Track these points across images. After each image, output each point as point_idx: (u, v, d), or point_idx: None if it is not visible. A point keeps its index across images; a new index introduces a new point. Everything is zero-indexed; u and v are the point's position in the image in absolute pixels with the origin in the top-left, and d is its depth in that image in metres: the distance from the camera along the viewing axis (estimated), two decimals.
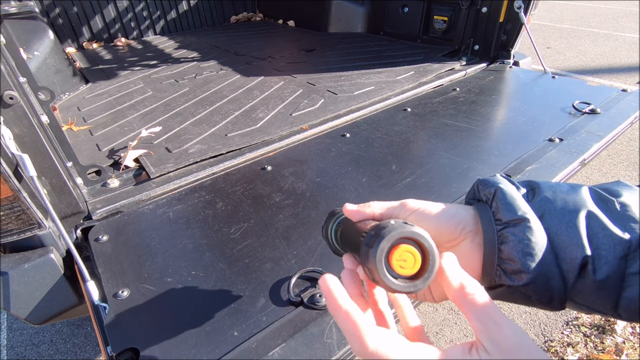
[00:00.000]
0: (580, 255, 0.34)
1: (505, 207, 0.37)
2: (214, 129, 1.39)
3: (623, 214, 0.34)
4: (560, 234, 0.35)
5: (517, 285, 0.36)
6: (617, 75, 3.88)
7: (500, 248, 0.37)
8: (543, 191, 0.38)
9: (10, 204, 0.74)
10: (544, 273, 0.34)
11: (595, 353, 1.42)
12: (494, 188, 0.39)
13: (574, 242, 0.34)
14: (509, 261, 0.36)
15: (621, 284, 0.33)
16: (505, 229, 0.36)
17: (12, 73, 0.89)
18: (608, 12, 6.73)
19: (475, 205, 0.41)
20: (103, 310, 0.73)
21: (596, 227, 0.34)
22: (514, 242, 0.35)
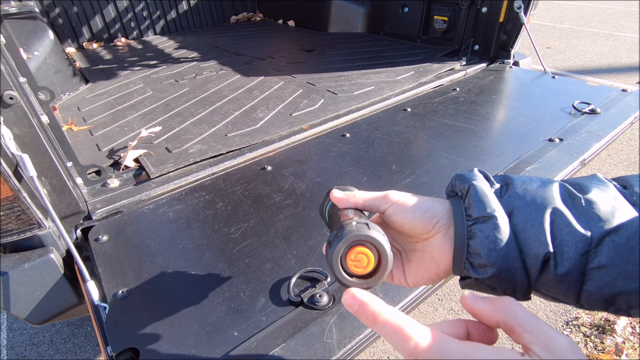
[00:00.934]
0: (543, 251, 0.35)
1: (476, 203, 0.39)
2: (214, 129, 1.39)
3: (588, 211, 0.35)
4: (526, 230, 0.37)
5: (483, 278, 0.38)
6: (617, 75, 3.88)
7: (469, 243, 0.39)
8: (515, 187, 0.40)
9: (10, 204, 0.74)
10: (508, 267, 0.37)
11: (595, 353, 1.42)
12: (467, 184, 0.41)
13: (538, 239, 0.36)
14: (476, 255, 0.38)
15: (582, 277, 0.35)
16: (474, 225, 0.39)
17: (12, 73, 0.89)
18: (608, 12, 6.73)
19: (451, 200, 0.43)
20: (103, 310, 0.73)
21: (560, 224, 0.36)
22: (481, 238, 0.38)
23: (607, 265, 0.34)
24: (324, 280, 0.75)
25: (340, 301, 0.71)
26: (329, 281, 0.75)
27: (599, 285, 0.34)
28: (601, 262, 0.34)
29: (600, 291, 0.34)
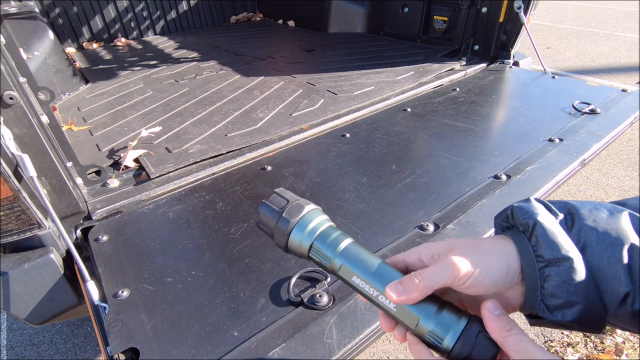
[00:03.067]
0: (623, 291, 0.34)
1: (546, 244, 0.37)
2: (214, 129, 1.39)
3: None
4: (602, 268, 0.35)
5: (560, 321, 0.36)
6: (617, 75, 3.88)
7: (543, 285, 0.37)
8: (583, 219, 0.37)
9: (10, 204, 0.74)
10: (589, 308, 0.35)
11: (595, 353, 1.42)
12: (532, 220, 0.38)
13: (617, 278, 0.35)
14: (553, 298, 0.36)
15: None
16: (547, 267, 0.36)
17: (12, 73, 0.89)
18: (608, 12, 6.73)
19: (513, 237, 0.40)
20: (103, 310, 0.73)
21: (638, 261, 0.34)
22: (558, 282, 0.36)
23: None
24: (324, 280, 0.75)
25: (339, 301, 0.71)
26: (329, 281, 0.75)
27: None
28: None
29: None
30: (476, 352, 0.37)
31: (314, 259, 0.45)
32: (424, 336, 0.39)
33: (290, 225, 0.44)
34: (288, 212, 0.45)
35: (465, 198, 0.97)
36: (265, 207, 0.47)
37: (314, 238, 0.44)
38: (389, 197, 1.00)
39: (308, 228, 0.44)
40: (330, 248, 0.44)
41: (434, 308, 0.39)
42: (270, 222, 0.46)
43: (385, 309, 0.41)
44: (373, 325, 0.67)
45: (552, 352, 1.43)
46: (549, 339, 1.48)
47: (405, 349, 1.48)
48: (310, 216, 0.45)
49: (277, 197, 0.47)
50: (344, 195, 1.00)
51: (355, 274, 0.42)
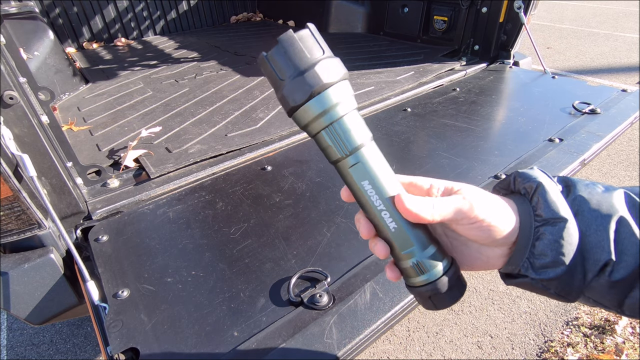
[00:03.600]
0: (605, 259, 0.36)
1: (546, 204, 0.38)
2: (214, 129, 1.39)
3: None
4: (589, 235, 0.37)
5: (542, 279, 0.38)
6: (617, 75, 3.88)
7: (534, 243, 0.38)
8: (578, 190, 0.39)
9: (10, 204, 0.74)
10: (570, 271, 0.37)
11: (595, 353, 1.42)
12: (535, 183, 0.40)
13: (600, 246, 0.36)
14: (541, 256, 0.38)
15: (631, 286, 0.36)
16: (543, 226, 0.38)
17: (12, 73, 0.89)
18: (608, 12, 6.73)
19: (515, 199, 0.42)
20: (103, 310, 0.73)
21: (624, 233, 0.36)
22: (550, 240, 0.37)
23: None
24: (324, 280, 0.75)
25: (339, 301, 0.71)
26: (329, 281, 0.75)
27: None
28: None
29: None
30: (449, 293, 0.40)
31: (321, 141, 0.39)
32: (407, 263, 0.40)
33: (309, 94, 0.36)
34: (296, 83, 0.36)
35: None
36: (270, 60, 0.38)
37: (334, 120, 0.37)
38: None
39: (331, 105, 0.37)
40: (351, 140, 0.38)
41: (427, 241, 0.40)
42: (275, 82, 0.38)
43: (384, 225, 0.40)
44: (373, 325, 0.67)
45: (552, 352, 1.43)
46: (548, 339, 1.48)
47: (406, 349, 1.48)
48: (337, 90, 0.37)
49: (290, 46, 0.37)
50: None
51: (368, 178, 0.39)
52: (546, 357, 1.42)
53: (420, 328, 1.55)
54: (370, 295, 0.72)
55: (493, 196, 0.41)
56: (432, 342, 1.50)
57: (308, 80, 0.36)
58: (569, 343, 1.46)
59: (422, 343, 1.50)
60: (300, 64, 0.36)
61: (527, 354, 1.44)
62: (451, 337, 1.51)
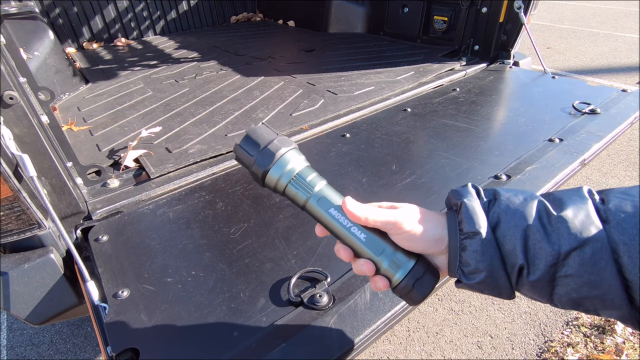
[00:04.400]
0: (518, 263, 0.43)
1: (466, 220, 0.46)
2: (214, 129, 1.39)
3: (559, 228, 0.41)
4: (505, 244, 0.43)
5: (472, 283, 0.46)
6: (617, 75, 3.88)
7: (461, 254, 0.46)
8: (500, 202, 0.46)
9: (10, 204, 0.74)
10: (492, 275, 0.44)
11: (595, 353, 1.42)
12: (460, 201, 0.48)
13: (514, 252, 0.43)
14: (467, 264, 0.45)
15: (552, 283, 0.41)
16: (465, 239, 0.45)
17: (12, 73, 0.89)
18: (608, 12, 6.73)
19: (448, 214, 0.50)
20: (103, 311, 0.73)
21: (534, 240, 0.42)
22: (470, 251, 0.45)
23: (572, 274, 0.40)
24: (324, 280, 0.75)
25: (339, 301, 0.71)
26: (329, 281, 0.75)
27: (566, 290, 0.41)
28: (568, 272, 0.40)
29: (568, 295, 0.41)
30: (418, 287, 0.48)
31: (288, 194, 0.51)
32: (384, 263, 0.49)
33: (267, 167, 0.49)
34: (261, 158, 0.49)
35: None
36: (240, 151, 0.51)
37: (292, 178, 0.50)
38: (389, 197, 1.00)
39: (285, 169, 0.49)
40: (309, 185, 0.50)
41: (393, 246, 0.49)
42: (247, 164, 0.51)
43: (355, 238, 0.50)
44: (373, 325, 0.67)
45: (552, 352, 1.43)
46: (548, 339, 1.48)
47: (406, 349, 1.48)
48: (287, 158, 0.50)
49: (250, 139, 0.51)
50: (344, 195, 1.00)
51: (333, 206, 0.50)
52: (546, 357, 1.42)
53: (420, 328, 1.55)
54: (370, 295, 0.72)
55: (424, 212, 0.50)
56: (432, 342, 1.50)
57: (273, 150, 0.49)
58: (569, 343, 1.46)
59: (422, 343, 1.50)
60: (263, 142, 0.50)
61: (527, 354, 1.44)
62: (451, 337, 1.51)
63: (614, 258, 0.38)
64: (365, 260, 0.49)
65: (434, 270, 0.50)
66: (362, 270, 0.49)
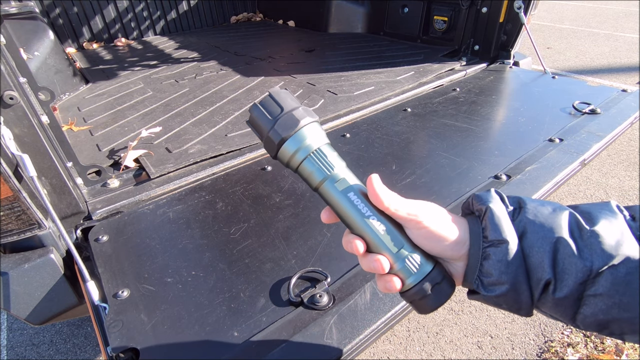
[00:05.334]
0: (545, 277, 0.39)
1: (492, 227, 0.42)
2: (214, 129, 1.39)
3: (592, 243, 0.38)
4: (532, 256, 0.40)
5: (491, 296, 0.42)
6: (617, 75, 3.88)
7: (482, 263, 0.42)
8: (527, 211, 0.43)
9: (10, 204, 0.74)
10: (515, 288, 0.41)
11: (596, 353, 1.42)
12: (485, 206, 0.44)
13: (541, 265, 0.39)
14: (488, 275, 0.41)
15: (579, 302, 0.38)
16: (489, 247, 0.42)
17: (12, 73, 0.89)
18: (608, 12, 6.73)
19: (468, 218, 0.46)
20: (103, 311, 0.73)
21: (564, 254, 0.39)
22: (494, 260, 0.41)
23: (603, 294, 0.37)
24: (324, 280, 0.75)
25: (340, 301, 0.71)
26: (329, 281, 0.75)
27: (594, 311, 0.37)
28: (598, 291, 0.37)
29: (594, 316, 0.38)
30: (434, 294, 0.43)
31: (302, 171, 0.45)
32: (401, 263, 0.44)
33: (282, 138, 0.43)
34: (281, 124, 0.43)
35: (465, 198, 0.97)
36: (257, 111, 0.45)
37: (310, 153, 0.44)
38: None
39: (305, 142, 0.44)
40: (329, 164, 0.45)
41: (412, 245, 0.44)
42: (262, 128, 0.45)
43: (373, 229, 0.44)
44: (373, 325, 0.67)
45: (552, 352, 1.43)
46: (549, 339, 1.48)
47: (406, 349, 1.48)
48: (309, 130, 0.44)
49: (271, 101, 0.45)
50: None
51: (353, 190, 0.45)
52: (546, 357, 1.42)
53: (421, 328, 1.55)
54: (370, 295, 0.72)
55: (444, 213, 0.46)
56: (432, 342, 1.50)
57: (297, 117, 0.43)
58: (569, 343, 1.46)
59: (422, 343, 1.50)
60: (286, 107, 0.44)
61: (527, 354, 1.44)
62: (451, 337, 1.51)
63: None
64: (379, 256, 0.43)
65: (450, 279, 0.45)
66: (373, 267, 0.44)
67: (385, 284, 0.44)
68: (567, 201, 2.20)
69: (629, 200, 2.17)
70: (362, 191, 0.45)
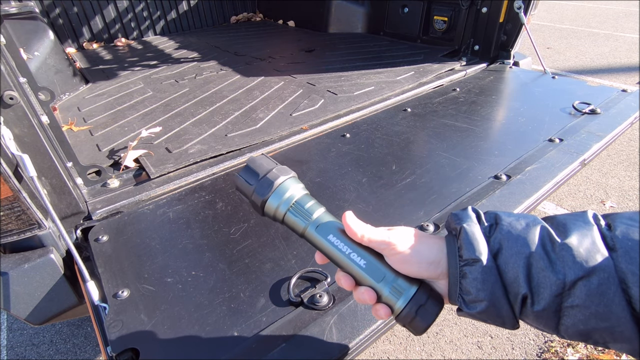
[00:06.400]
0: (521, 292, 0.40)
1: (466, 245, 0.43)
2: (214, 129, 1.39)
3: (564, 256, 0.39)
4: (507, 272, 0.41)
5: (473, 312, 0.43)
6: (617, 75, 3.88)
7: (461, 281, 0.43)
8: (502, 228, 0.43)
9: (10, 204, 0.74)
10: (494, 304, 0.41)
11: (595, 353, 1.42)
12: (459, 226, 0.45)
13: (516, 280, 0.40)
14: (467, 293, 0.43)
15: (558, 314, 0.39)
16: (465, 267, 0.43)
17: (12, 73, 0.89)
18: (608, 12, 6.73)
19: (447, 239, 0.47)
20: (103, 311, 0.73)
21: (537, 268, 0.40)
22: (471, 279, 0.42)
23: (579, 305, 0.37)
24: (324, 280, 0.75)
25: (339, 301, 0.71)
26: (329, 281, 0.75)
27: (573, 322, 0.38)
28: (574, 302, 0.38)
29: (575, 326, 0.38)
30: (421, 315, 0.46)
31: (287, 222, 0.51)
32: (385, 290, 0.47)
33: (265, 196, 0.50)
34: (260, 187, 0.50)
35: (465, 198, 0.97)
36: (240, 180, 0.52)
37: (290, 206, 0.50)
38: (389, 197, 1.00)
39: (284, 197, 0.50)
40: (307, 212, 0.50)
41: (395, 271, 0.47)
42: (246, 193, 0.52)
43: (354, 265, 0.48)
44: (373, 326, 0.67)
45: (552, 352, 1.43)
46: (548, 339, 1.48)
47: (406, 349, 1.48)
48: (286, 186, 0.50)
49: (249, 169, 0.52)
50: (344, 195, 1.00)
51: (332, 233, 0.50)
52: (546, 357, 1.42)
53: None
54: None
55: (419, 235, 0.48)
56: (432, 342, 1.50)
57: (272, 179, 0.50)
58: (569, 343, 1.46)
59: (422, 343, 1.50)
60: (262, 171, 0.51)
61: (527, 354, 1.44)
62: (451, 337, 1.51)
63: (623, 288, 0.36)
64: (365, 288, 0.47)
65: (437, 297, 0.47)
66: (363, 298, 0.47)
67: (377, 312, 0.47)
68: (567, 201, 2.20)
69: (629, 201, 2.17)
70: (340, 229, 0.50)
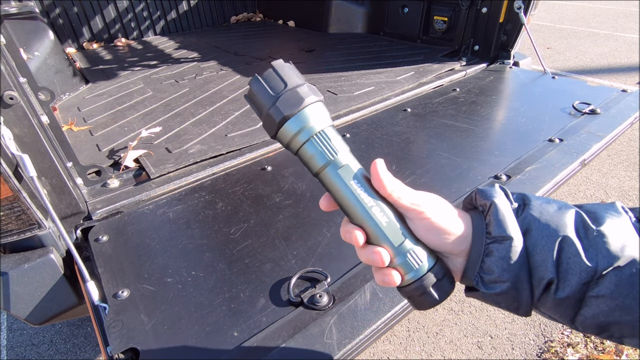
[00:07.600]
0: (548, 277, 0.38)
1: (496, 222, 0.41)
2: (214, 129, 1.39)
3: (598, 243, 0.37)
4: (535, 254, 0.39)
5: (491, 293, 0.41)
6: (617, 76, 3.88)
7: (484, 259, 0.41)
8: (531, 208, 0.41)
9: (10, 204, 0.74)
10: (516, 287, 0.39)
11: (595, 353, 1.42)
12: (489, 201, 0.42)
13: (544, 264, 0.38)
14: (489, 272, 0.40)
15: (580, 303, 0.37)
16: (492, 244, 0.40)
17: (12, 73, 0.89)
18: (608, 12, 6.73)
19: (472, 214, 0.44)
20: (103, 311, 0.73)
21: (568, 253, 0.38)
22: (497, 257, 0.40)
23: (606, 295, 0.36)
24: (324, 280, 0.75)
25: (339, 301, 0.71)
26: (329, 281, 0.75)
27: (595, 312, 0.37)
28: (601, 292, 0.36)
29: (595, 317, 0.37)
30: (435, 290, 0.42)
31: (303, 154, 0.42)
32: (401, 258, 0.41)
33: (284, 116, 0.39)
34: (284, 101, 0.39)
35: None
36: (258, 84, 0.40)
37: (313, 135, 0.41)
38: None
39: (308, 123, 0.40)
40: (333, 149, 0.41)
41: (414, 239, 0.42)
42: (262, 104, 0.41)
43: (375, 220, 0.41)
44: (373, 326, 0.67)
45: (552, 352, 1.43)
46: (549, 339, 1.48)
47: (406, 349, 1.48)
48: (314, 109, 0.40)
49: (274, 74, 0.41)
50: None
51: (356, 179, 0.42)
52: (546, 357, 1.42)
53: (420, 328, 1.55)
54: (370, 295, 0.72)
55: (448, 206, 0.44)
56: (432, 343, 1.50)
57: (302, 94, 0.40)
58: (569, 343, 1.46)
59: (422, 343, 1.50)
60: (291, 83, 0.40)
61: (527, 354, 1.44)
62: (451, 337, 1.51)
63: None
64: (379, 249, 0.41)
65: (451, 275, 0.43)
66: (372, 259, 0.41)
67: (384, 277, 0.42)
68: (567, 201, 2.19)
69: (629, 201, 2.17)
70: (365, 178, 0.43)
